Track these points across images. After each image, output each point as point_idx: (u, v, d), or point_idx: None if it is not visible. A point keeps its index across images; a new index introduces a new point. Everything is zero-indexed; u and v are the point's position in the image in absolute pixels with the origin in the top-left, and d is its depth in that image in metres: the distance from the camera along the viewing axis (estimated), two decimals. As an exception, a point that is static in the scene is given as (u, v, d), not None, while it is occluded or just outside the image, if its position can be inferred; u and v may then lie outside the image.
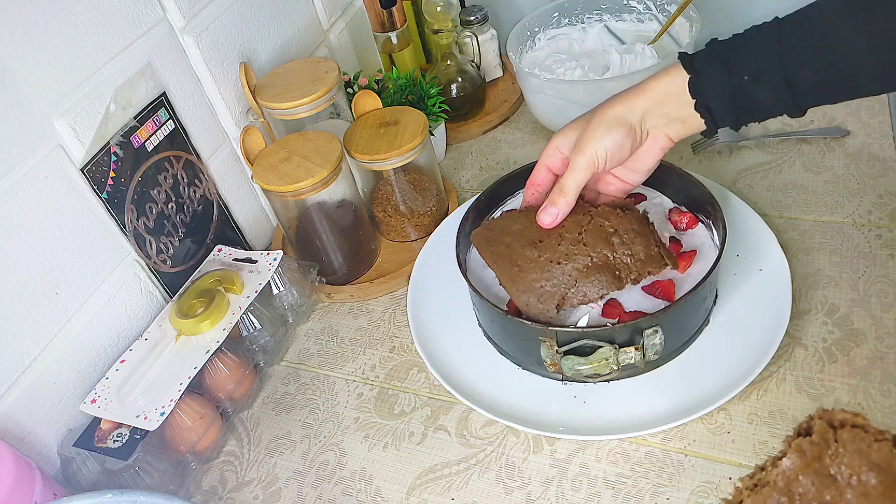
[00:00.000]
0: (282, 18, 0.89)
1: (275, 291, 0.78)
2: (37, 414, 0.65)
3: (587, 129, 0.62)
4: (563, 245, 0.65)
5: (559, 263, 0.64)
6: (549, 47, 1.00)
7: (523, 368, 0.69)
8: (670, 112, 0.61)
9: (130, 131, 0.71)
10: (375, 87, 0.94)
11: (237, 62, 0.82)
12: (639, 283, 0.64)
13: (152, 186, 0.74)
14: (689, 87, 0.59)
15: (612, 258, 0.64)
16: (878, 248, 0.72)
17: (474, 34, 1.02)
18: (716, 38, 0.59)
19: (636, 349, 0.62)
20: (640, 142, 0.63)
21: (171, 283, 0.77)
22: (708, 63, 0.58)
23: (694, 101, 0.59)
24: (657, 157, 0.65)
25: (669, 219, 0.74)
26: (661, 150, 0.64)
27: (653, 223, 0.67)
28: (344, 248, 0.84)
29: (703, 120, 0.60)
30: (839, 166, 0.82)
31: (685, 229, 0.73)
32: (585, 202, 0.69)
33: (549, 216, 0.65)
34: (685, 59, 0.59)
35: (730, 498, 0.48)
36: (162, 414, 0.64)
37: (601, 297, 0.63)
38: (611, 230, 0.65)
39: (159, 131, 0.74)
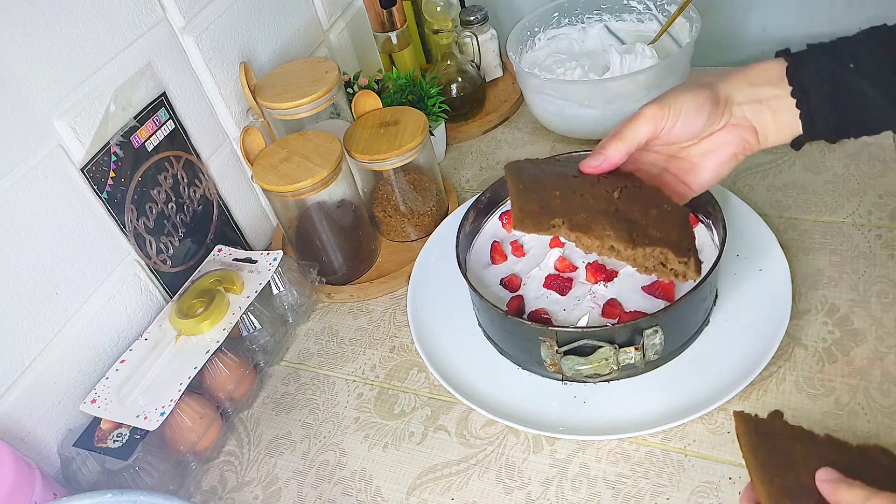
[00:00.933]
0: (282, 18, 0.89)
1: (275, 291, 0.78)
2: (37, 414, 0.65)
3: (670, 90, 0.56)
4: (596, 187, 0.59)
5: (581, 196, 0.58)
6: (549, 47, 1.00)
7: (523, 368, 0.69)
8: (762, 96, 0.55)
9: (130, 131, 0.71)
10: (375, 87, 0.94)
11: (237, 62, 0.82)
12: (647, 262, 0.58)
13: (152, 186, 0.74)
14: (787, 71, 0.53)
15: (637, 221, 0.58)
16: (878, 248, 0.72)
17: (474, 34, 1.02)
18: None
19: (636, 349, 0.62)
20: (720, 122, 0.56)
21: (171, 283, 0.77)
22: (808, 52, 0.54)
23: (791, 87, 0.53)
24: (736, 149, 0.57)
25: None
26: (742, 143, 0.57)
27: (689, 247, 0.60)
28: (344, 248, 0.84)
29: (798, 112, 0.54)
30: (839, 166, 0.82)
31: (685, 229, 0.72)
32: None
33: (595, 160, 0.57)
34: (782, 52, 0.55)
35: None
36: (162, 414, 0.64)
37: (602, 241, 0.57)
38: (653, 203, 0.60)
39: (159, 131, 0.74)
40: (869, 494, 0.39)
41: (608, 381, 0.66)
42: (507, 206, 0.80)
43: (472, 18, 1.02)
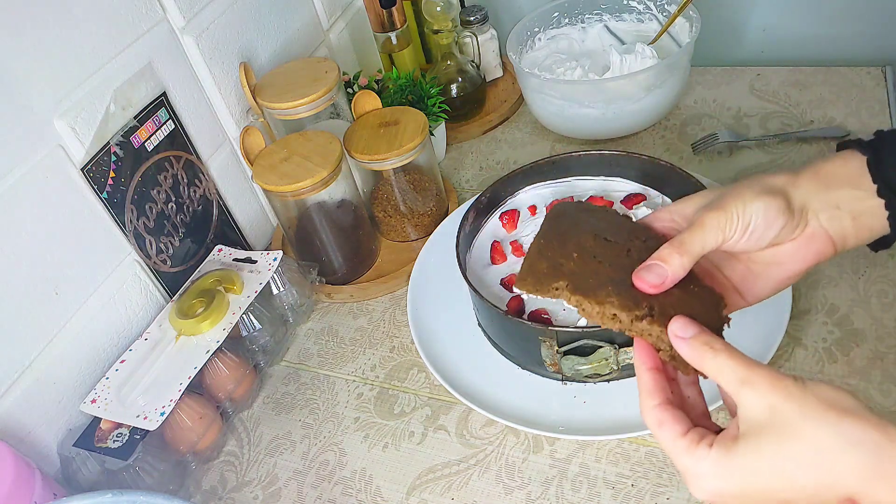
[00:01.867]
0: (282, 18, 0.89)
1: (275, 291, 0.78)
2: (37, 414, 0.65)
3: (731, 192, 0.46)
4: (622, 257, 0.51)
5: (600, 262, 0.51)
6: (549, 47, 1.00)
7: (523, 368, 0.69)
8: (841, 201, 0.46)
9: (130, 131, 0.71)
10: (375, 87, 0.94)
11: (237, 62, 0.82)
12: (649, 338, 0.49)
13: (152, 186, 0.74)
14: (868, 167, 0.46)
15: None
16: (878, 248, 0.72)
17: (474, 34, 1.02)
18: (882, 130, 0.49)
19: (636, 349, 0.62)
20: (793, 234, 0.47)
21: (171, 283, 0.77)
22: (888, 140, 0.47)
23: (875, 185, 0.46)
24: (808, 263, 0.48)
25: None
26: (816, 255, 0.48)
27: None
28: (344, 248, 0.84)
29: (886, 213, 0.46)
30: (839, 166, 0.82)
31: (685, 229, 0.72)
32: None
33: (657, 277, 0.45)
34: (852, 142, 0.48)
35: None
36: (162, 414, 0.64)
37: (603, 307, 0.48)
38: (684, 281, 0.48)
39: (159, 131, 0.74)
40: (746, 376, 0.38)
41: (608, 381, 0.65)
42: (508, 206, 0.80)
43: (472, 18, 1.02)
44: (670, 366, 0.44)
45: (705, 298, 0.47)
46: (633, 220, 0.54)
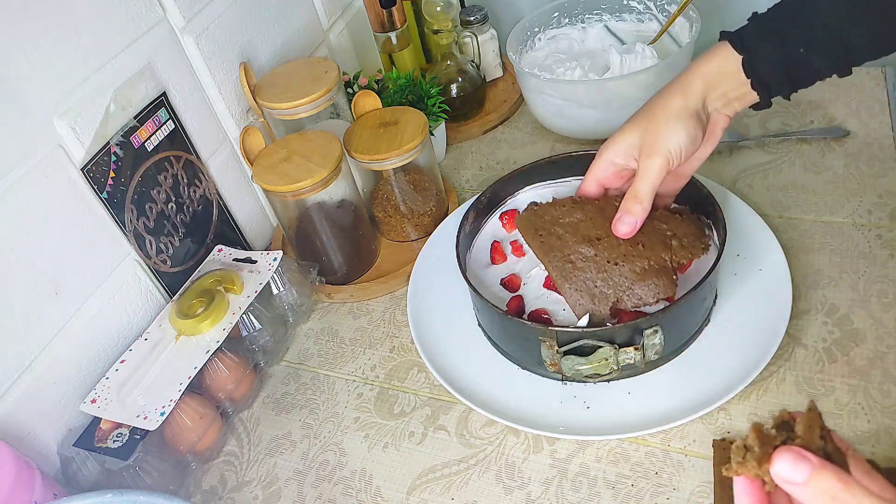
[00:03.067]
0: (282, 18, 0.89)
1: (275, 291, 0.78)
2: (37, 414, 0.65)
3: (652, 128, 0.60)
4: (622, 245, 0.65)
5: (616, 264, 0.64)
6: (549, 47, 1.00)
7: (523, 368, 0.69)
8: (728, 93, 0.59)
9: (130, 131, 0.71)
10: (375, 87, 0.94)
11: (237, 62, 0.82)
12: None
13: (152, 186, 0.74)
14: (743, 66, 0.58)
15: (670, 261, 0.64)
16: (878, 248, 0.72)
17: (474, 34, 1.02)
18: (756, 13, 0.59)
19: (636, 349, 0.62)
20: (706, 128, 0.61)
21: (171, 283, 0.77)
22: (758, 39, 0.57)
23: (750, 80, 0.58)
24: (717, 140, 0.63)
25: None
26: (721, 131, 0.63)
27: (708, 231, 0.68)
28: (344, 248, 0.84)
29: (757, 94, 0.59)
30: (839, 166, 0.82)
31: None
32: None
33: (627, 225, 0.62)
34: (733, 39, 0.58)
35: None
36: (162, 414, 0.64)
37: (656, 301, 0.63)
38: (669, 234, 0.65)
39: (159, 131, 0.74)
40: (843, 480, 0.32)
41: (608, 381, 0.65)
42: (508, 206, 0.80)
43: (472, 18, 1.02)
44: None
45: (693, 221, 0.66)
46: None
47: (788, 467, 0.33)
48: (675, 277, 0.64)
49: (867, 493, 0.32)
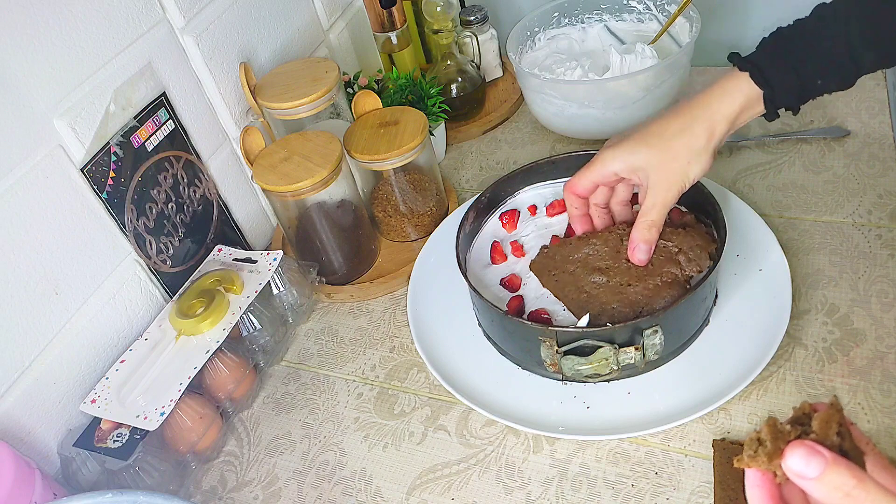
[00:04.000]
0: (282, 18, 0.89)
1: (275, 291, 0.78)
2: (37, 414, 0.65)
3: (669, 158, 0.62)
4: (631, 269, 0.66)
5: (629, 286, 0.65)
6: (549, 47, 1.00)
7: (523, 368, 0.69)
8: (742, 119, 0.61)
9: (130, 131, 0.71)
10: (375, 87, 0.94)
11: (237, 62, 0.82)
12: None
13: (152, 186, 0.74)
14: (764, 100, 0.60)
15: (680, 275, 0.65)
16: (878, 248, 0.72)
17: (474, 34, 1.02)
18: (765, 38, 0.60)
19: (636, 349, 0.62)
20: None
21: (171, 283, 0.77)
22: (777, 72, 0.59)
23: (767, 110, 0.60)
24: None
25: (670, 218, 0.73)
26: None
27: (713, 234, 0.68)
28: (344, 248, 0.84)
29: (767, 116, 0.61)
30: (839, 166, 0.82)
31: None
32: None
33: (645, 253, 0.64)
34: (754, 73, 0.59)
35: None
36: (162, 414, 0.64)
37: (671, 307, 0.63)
38: (675, 249, 0.66)
39: (159, 131, 0.74)
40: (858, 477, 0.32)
41: (608, 381, 0.66)
42: (508, 206, 0.80)
43: (472, 18, 1.02)
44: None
45: (697, 232, 0.66)
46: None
47: (801, 462, 0.33)
48: (688, 287, 0.65)
49: (882, 490, 0.32)
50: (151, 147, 0.73)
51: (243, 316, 0.74)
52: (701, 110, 0.61)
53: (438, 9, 0.95)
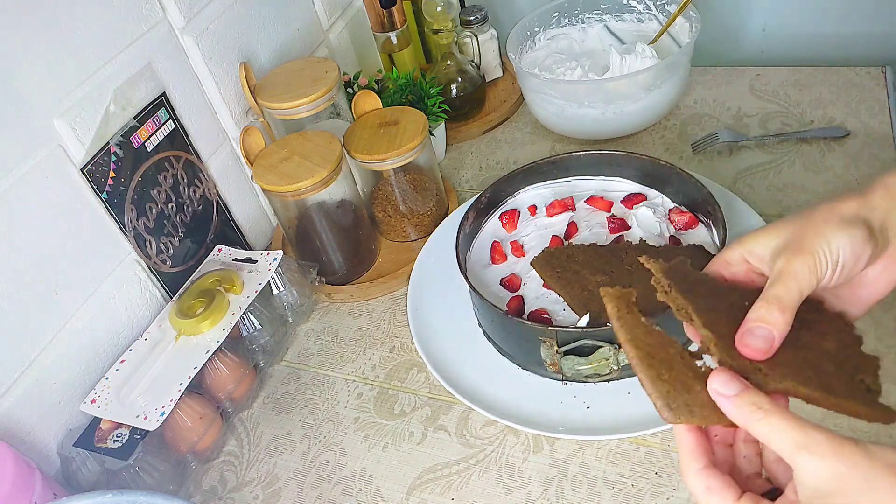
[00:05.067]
0: (282, 18, 0.89)
1: (275, 291, 0.78)
2: (37, 414, 0.65)
3: (805, 227, 0.44)
4: (634, 274, 0.65)
5: (631, 286, 0.63)
6: (549, 47, 1.00)
7: (523, 368, 0.69)
8: None
9: (130, 131, 0.71)
10: (375, 87, 0.94)
11: (237, 62, 0.82)
12: None
13: (152, 186, 0.74)
14: None
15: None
16: (878, 248, 0.72)
17: (474, 34, 1.02)
18: None
19: (636, 349, 0.62)
20: (878, 256, 0.44)
21: (171, 283, 0.77)
22: None
23: None
24: (884, 295, 0.46)
25: (669, 218, 0.74)
26: (889, 288, 0.46)
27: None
28: (344, 248, 0.84)
29: None
30: (839, 166, 0.82)
31: (685, 229, 0.73)
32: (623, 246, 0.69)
33: (762, 340, 0.42)
34: None
35: None
36: (162, 414, 0.64)
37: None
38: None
39: (159, 131, 0.74)
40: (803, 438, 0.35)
41: (608, 381, 0.65)
42: (508, 206, 0.80)
43: (472, 18, 1.02)
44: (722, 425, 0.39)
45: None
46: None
47: (721, 384, 0.39)
48: None
49: (784, 411, 0.36)
50: (151, 147, 0.73)
51: (243, 316, 0.74)
52: (861, 188, 0.46)
53: (438, 9, 0.95)
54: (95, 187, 0.68)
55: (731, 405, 0.38)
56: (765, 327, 0.42)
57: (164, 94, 0.74)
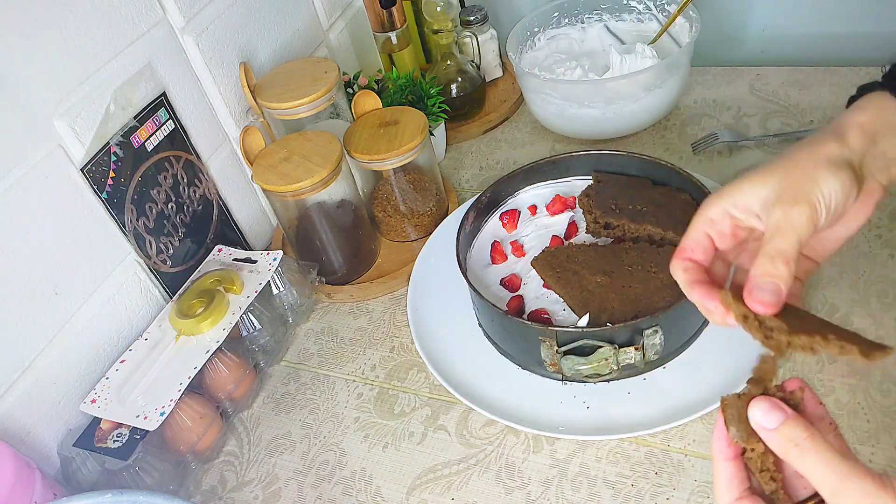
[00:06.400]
0: (282, 18, 0.89)
1: (275, 291, 0.78)
2: (37, 414, 0.65)
3: (794, 174, 0.45)
4: (634, 273, 0.66)
5: (630, 287, 0.65)
6: (549, 47, 1.00)
7: (523, 368, 0.69)
8: (888, 151, 0.46)
9: (130, 131, 0.71)
10: (375, 87, 0.94)
11: (237, 62, 0.82)
12: None
13: (152, 186, 0.74)
14: None
15: None
16: (878, 248, 0.72)
17: (474, 34, 1.02)
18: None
19: (636, 349, 0.62)
20: (858, 195, 0.46)
21: (171, 283, 0.77)
22: None
23: None
24: (868, 214, 0.48)
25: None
26: (873, 205, 0.48)
27: None
28: (344, 248, 0.84)
29: None
30: (839, 166, 0.82)
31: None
32: (653, 245, 0.70)
33: (773, 294, 0.42)
34: (882, 86, 0.48)
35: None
36: (162, 414, 0.64)
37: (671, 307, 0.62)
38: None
39: (159, 131, 0.74)
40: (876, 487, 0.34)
41: (608, 381, 0.66)
42: (508, 206, 0.81)
43: (472, 18, 1.02)
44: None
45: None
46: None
47: (761, 414, 0.39)
48: None
49: (827, 446, 0.36)
50: (151, 147, 0.73)
51: (243, 316, 0.74)
52: (825, 127, 0.48)
53: (438, 9, 0.95)
54: (95, 187, 0.68)
55: (770, 437, 0.39)
56: (772, 281, 0.42)
57: (163, 94, 0.74)
